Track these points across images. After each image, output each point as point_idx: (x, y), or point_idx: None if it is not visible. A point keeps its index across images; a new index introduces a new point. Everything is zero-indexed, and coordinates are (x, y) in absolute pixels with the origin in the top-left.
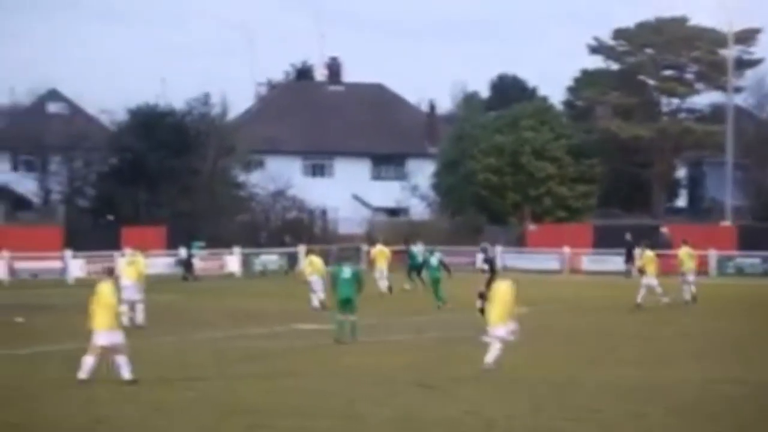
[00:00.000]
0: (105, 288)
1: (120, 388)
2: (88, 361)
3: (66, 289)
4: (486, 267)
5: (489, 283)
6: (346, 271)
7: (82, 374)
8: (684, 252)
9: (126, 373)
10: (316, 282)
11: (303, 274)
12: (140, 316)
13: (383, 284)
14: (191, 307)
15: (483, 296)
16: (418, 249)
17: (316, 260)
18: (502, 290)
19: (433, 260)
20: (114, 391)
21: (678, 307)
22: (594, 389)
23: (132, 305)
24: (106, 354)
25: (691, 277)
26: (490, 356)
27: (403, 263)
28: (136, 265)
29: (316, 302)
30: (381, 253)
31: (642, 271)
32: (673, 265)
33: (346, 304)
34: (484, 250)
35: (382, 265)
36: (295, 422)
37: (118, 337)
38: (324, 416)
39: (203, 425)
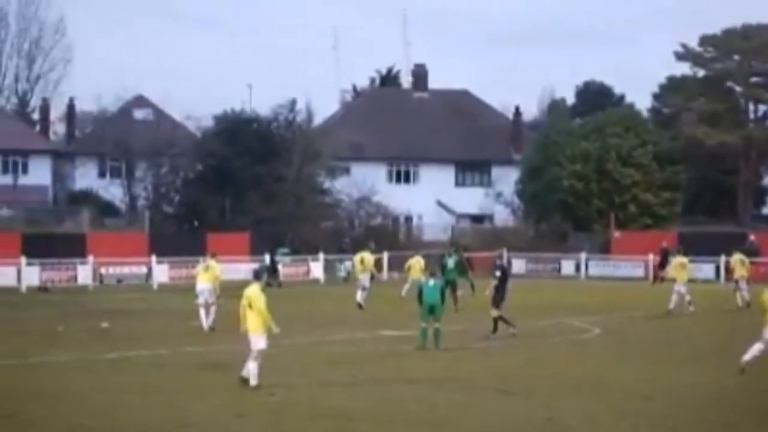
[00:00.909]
0: (254, 292)
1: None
2: (252, 367)
3: (150, 294)
4: (498, 273)
5: (497, 289)
6: (431, 279)
7: (253, 381)
8: (736, 258)
9: (253, 381)
10: (364, 279)
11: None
12: (211, 319)
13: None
14: (275, 313)
15: (495, 303)
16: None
17: (368, 257)
18: None
19: (450, 262)
20: (198, 396)
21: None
22: (678, 397)
23: (207, 308)
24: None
25: (743, 284)
26: None
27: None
28: (212, 269)
29: (360, 298)
30: (417, 262)
31: (661, 278)
32: (762, 272)
33: (431, 311)
34: (500, 258)
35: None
36: (377, 428)
37: (262, 342)
38: (405, 423)
39: (286, 430)
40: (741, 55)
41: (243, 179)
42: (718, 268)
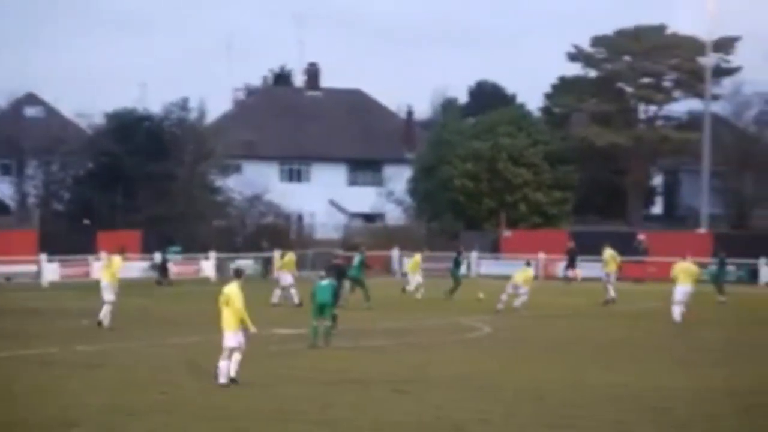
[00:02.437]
0: (233, 290)
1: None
2: (223, 366)
3: (40, 292)
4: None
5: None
6: (324, 279)
7: (222, 379)
8: (608, 254)
9: (233, 372)
10: (285, 278)
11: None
12: (102, 314)
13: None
14: (164, 311)
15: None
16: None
17: (290, 256)
18: None
19: (356, 260)
20: (87, 395)
21: (655, 314)
22: (570, 396)
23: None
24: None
25: (612, 278)
26: None
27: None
28: (112, 267)
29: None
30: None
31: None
32: (650, 271)
33: (321, 311)
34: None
35: None
36: (269, 427)
37: (241, 338)
38: (299, 421)
39: (173, 429)
40: (632, 56)
41: (135, 177)
42: None
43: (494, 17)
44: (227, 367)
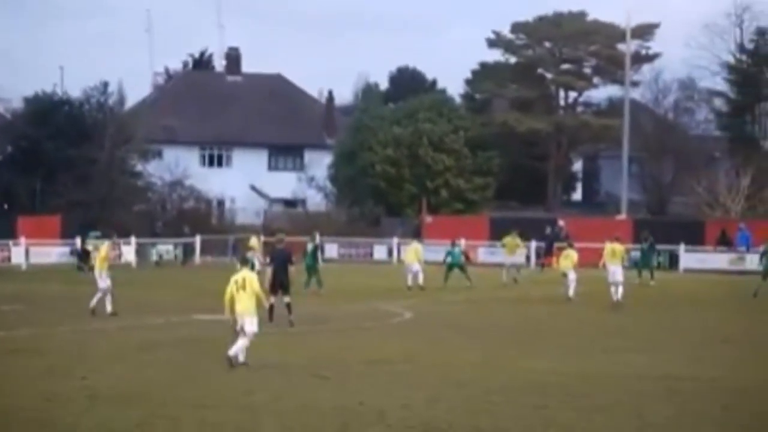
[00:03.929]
0: (247, 274)
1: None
2: (241, 343)
3: None
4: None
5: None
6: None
7: (242, 357)
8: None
9: (242, 357)
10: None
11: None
12: (95, 299)
13: None
14: (86, 298)
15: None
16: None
17: (255, 241)
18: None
19: (309, 247)
20: (5, 382)
21: (578, 300)
22: (492, 381)
23: (106, 293)
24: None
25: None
26: None
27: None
28: (101, 253)
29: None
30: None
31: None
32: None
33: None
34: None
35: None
36: (192, 413)
37: (248, 322)
38: (222, 407)
39: (96, 415)
40: (552, 43)
41: (54, 162)
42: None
43: (415, 2)
44: (240, 346)
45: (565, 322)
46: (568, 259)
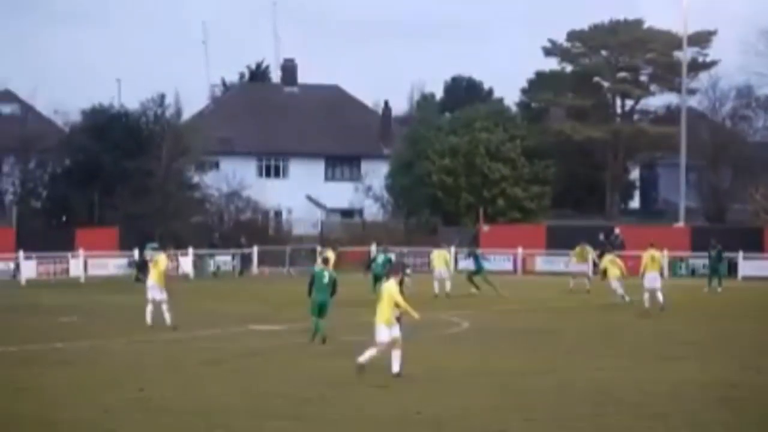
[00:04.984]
0: (389, 286)
1: (70, 390)
2: (367, 354)
3: (18, 290)
4: None
5: None
6: (325, 277)
7: (361, 359)
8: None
9: (396, 367)
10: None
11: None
12: (168, 316)
13: None
14: (143, 309)
15: None
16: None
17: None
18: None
19: (380, 258)
20: (65, 392)
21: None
22: (549, 389)
23: (157, 306)
24: (387, 349)
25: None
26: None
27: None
28: (159, 264)
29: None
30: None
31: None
32: (627, 265)
33: (321, 309)
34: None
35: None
36: (248, 423)
37: (396, 332)
38: (277, 417)
39: (158, 426)
40: (608, 51)
41: (112, 174)
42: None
43: (470, 11)
44: (369, 355)
45: (620, 329)
46: (615, 266)
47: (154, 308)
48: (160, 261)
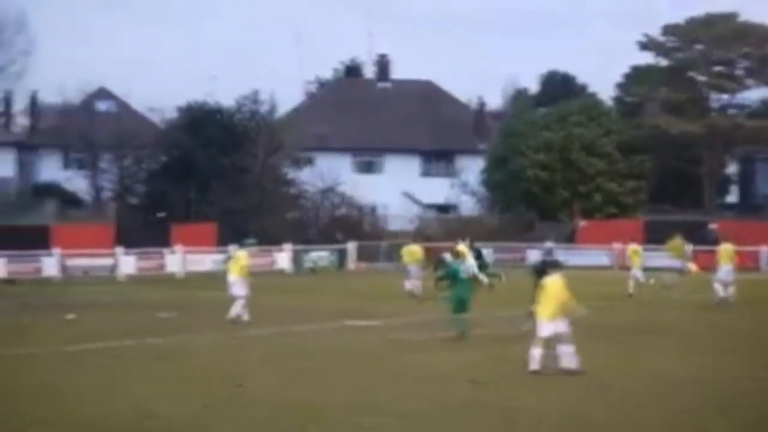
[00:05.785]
0: (555, 281)
1: (167, 385)
2: (536, 353)
3: (116, 286)
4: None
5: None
6: (463, 271)
7: (534, 365)
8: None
9: (568, 363)
10: (414, 270)
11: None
12: (237, 311)
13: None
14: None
15: None
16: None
17: (416, 249)
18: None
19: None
20: (163, 387)
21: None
22: (636, 386)
23: (237, 300)
24: (551, 344)
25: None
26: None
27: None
28: (239, 260)
29: (408, 287)
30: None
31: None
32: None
33: (462, 305)
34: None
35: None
36: (345, 419)
37: (561, 327)
38: (374, 413)
39: (255, 421)
40: (703, 45)
41: (207, 170)
42: None
43: (565, 6)
44: (539, 355)
45: (713, 325)
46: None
47: (236, 304)
48: (240, 257)
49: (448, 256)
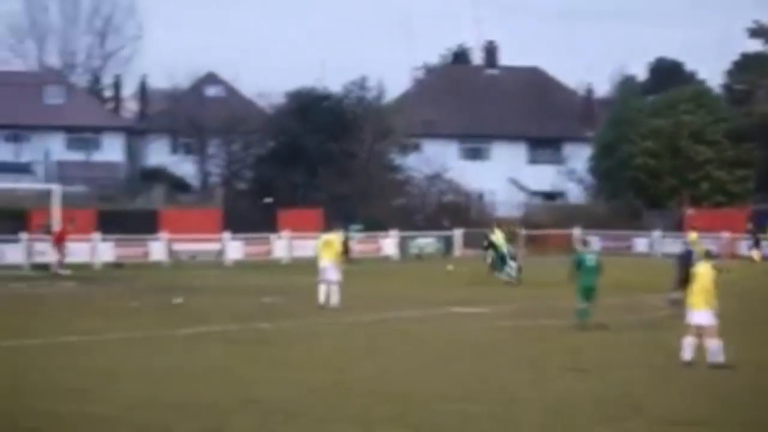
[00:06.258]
0: (706, 271)
1: (271, 370)
2: (689, 342)
3: (224, 270)
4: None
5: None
6: (591, 259)
7: (686, 355)
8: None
9: (714, 357)
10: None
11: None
12: (334, 298)
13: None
14: (346, 290)
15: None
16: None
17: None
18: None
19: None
20: (267, 372)
21: None
22: (741, 379)
23: (330, 285)
24: (698, 335)
25: None
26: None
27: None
28: (333, 245)
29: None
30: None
31: None
32: None
33: (590, 292)
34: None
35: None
36: (449, 407)
37: (708, 319)
38: (479, 401)
39: (356, 408)
40: None
41: (315, 156)
42: None
43: None
44: (691, 345)
45: None
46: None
47: (327, 288)
48: (334, 242)
49: (494, 237)
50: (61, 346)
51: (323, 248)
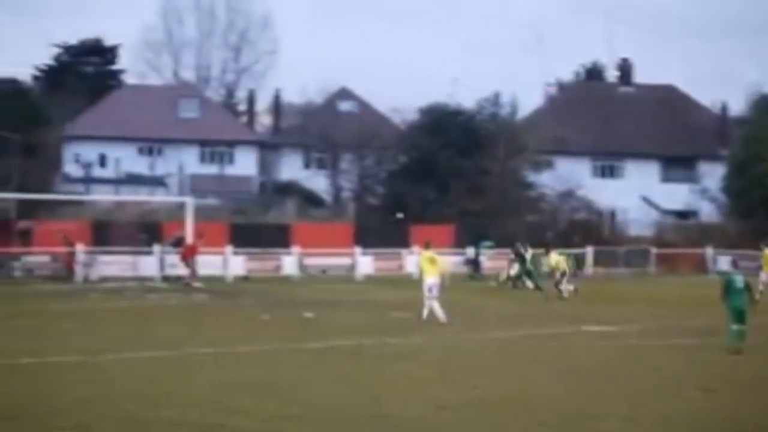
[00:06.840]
0: None
1: (401, 385)
2: None
3: (354, 285)
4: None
5: None
6: (739, 281)
7: None
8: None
9: None
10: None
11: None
12: (435, 313)
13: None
14: (479, 307)
15: None
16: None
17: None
18: None
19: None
20: (397, 387)
21: None
22: None
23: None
24: None
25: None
26: None
27: None
28: (438, 262)
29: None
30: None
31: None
32: None
33: (741, 315)
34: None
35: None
36: (579, 422)
37: None
38: (604, 418)
39: (488, 425)
40: None
41: (447, 172)
42: None
43: None
44: None
45: None
46: None
47: (431, 304)
48: (436, 258)
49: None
50: (193, 358)
51: (427, 265)
